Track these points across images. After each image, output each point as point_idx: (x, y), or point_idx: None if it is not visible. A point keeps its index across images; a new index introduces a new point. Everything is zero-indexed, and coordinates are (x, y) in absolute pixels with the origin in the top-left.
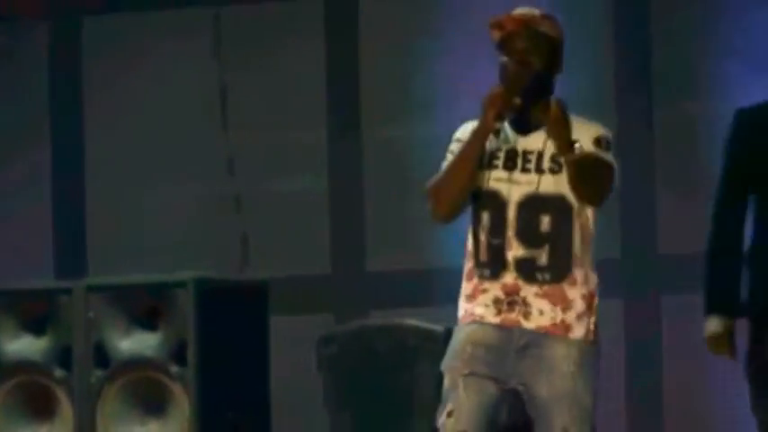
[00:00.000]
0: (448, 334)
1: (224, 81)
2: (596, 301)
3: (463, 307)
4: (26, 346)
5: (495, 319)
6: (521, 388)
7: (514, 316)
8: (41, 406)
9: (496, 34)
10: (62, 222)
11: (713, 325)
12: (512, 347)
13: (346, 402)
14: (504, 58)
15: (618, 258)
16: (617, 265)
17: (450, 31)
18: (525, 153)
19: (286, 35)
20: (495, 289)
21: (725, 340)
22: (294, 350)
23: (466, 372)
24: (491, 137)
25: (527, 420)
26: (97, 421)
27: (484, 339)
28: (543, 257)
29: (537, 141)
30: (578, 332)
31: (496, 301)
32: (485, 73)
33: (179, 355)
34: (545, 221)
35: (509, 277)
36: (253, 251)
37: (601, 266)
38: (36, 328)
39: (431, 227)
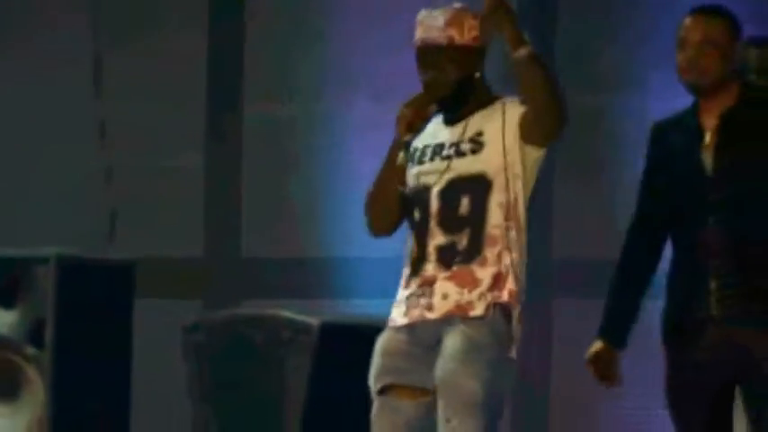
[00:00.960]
0: (323, 327)
1: (98, 51)
2: (510, 280)
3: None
4: None
5: (404, 320)
6: (429, 385)
7: (419, 311)
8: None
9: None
10: None
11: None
12: (420, 346)
13: (211, 393)
14: (420, 74)
15: None
16: None
17: (338, 13)
18: (449, 144)
19: (169, 10)
20: (414, 284)
21: (602, 363)
22: (160, 336)
23: (379, 387)
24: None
25: None
26: None
27: (396, 347)
28: (464, 241)
29: (461, 130)
30: (479, 309)
31: (409, 297)
32: (370, 56)
33: (36, 336)
34: (464, 203)
35: (429, 269)
36: (121, 228)
37: None
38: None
39: (310, 213)
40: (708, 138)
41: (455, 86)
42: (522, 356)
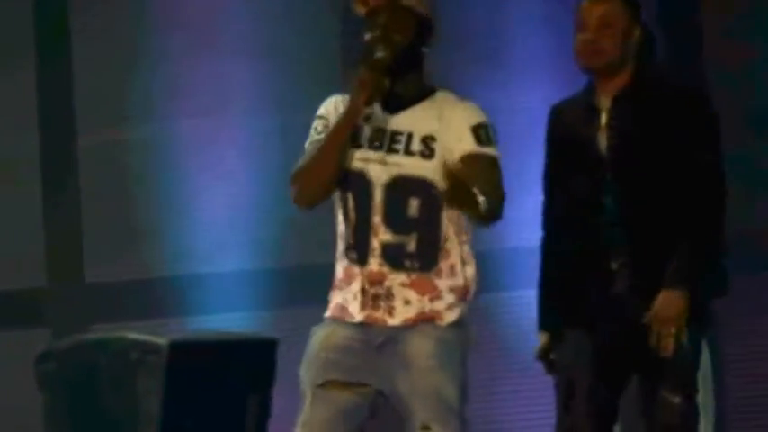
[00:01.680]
0: (172, 347)
1: None
2: (470, 294)
3: (333, 295)
4: None
5: (360, 315)
6: (382, 387)
7: (380, 314)
8: None
9: (361, 9)
10: None
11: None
12: (371, 346)
13: (67, 421)
14: (368, 35)
15: None
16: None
17: (165, 30)
18: (394, 133)
19: None
20: (361, 277)
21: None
22: (13, 368)
23: (319, 381)
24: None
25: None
26: None
27: (341, 342)
28: (412, 244)
29: (407, 122)
30: (446, 319)
31: (363, 293)
32: (201, 72)
33: None
34: (413, 205)
35: (374, 264)
36: None
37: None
38: None
39: (152, 234)
40: (603, 118)
41: (404, 53)
42: None
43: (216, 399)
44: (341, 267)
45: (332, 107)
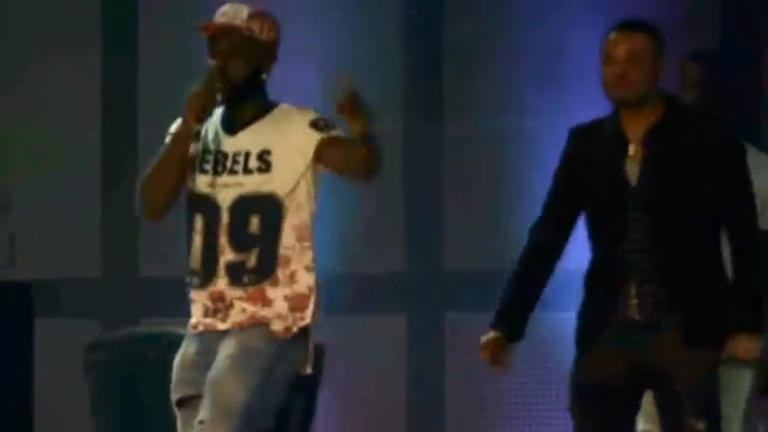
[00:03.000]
0: None
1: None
2: (310, 303)
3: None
4: None
5: (201, 327)
6: None
7: (211, 321)
8: None
9: (204, 34)
10: None
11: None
12: (208, 356)
13: (113, 410)
14: (209, 61)
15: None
16: (403, 278)
17: None
18: (234, 155)
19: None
20: (203, 298)
21: (488, 347)
22: (61, 355)
23: (176, 398)
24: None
25: None
26: None
27: (185, 359)
28: (252, 260)
29: (245, 141)
30: (276, 325)
31: (205, 312)
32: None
33: None
34: (254, 222)
35: (220, 284)
36: (21, 251)
37: (385, 279)
38: None
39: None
40: (632, 149)
41: (243, 80)
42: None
43: None
44: (191, 290)
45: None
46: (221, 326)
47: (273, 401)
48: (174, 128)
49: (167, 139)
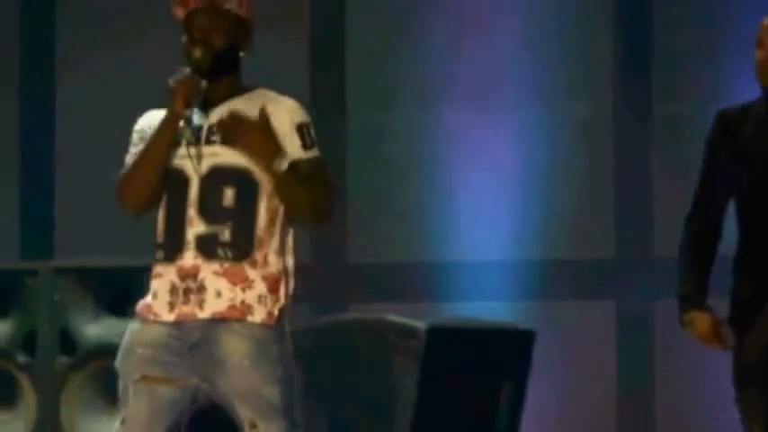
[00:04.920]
0: (430, 331)
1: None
2: (284, 285)
3: (148, 293)
4: None
5: (170, 317)
6: (204, 385)
7: (189, 308)
8: (3, 392)
9: (180, 11)
10: (29, 201)
11: (692, 318)
12: (186, 344)
13: (322, 397)
14: (185, 37)
15: (612, 259)
16: (611, 266)
17: (439, 16)
18: (211, 126)
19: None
20: (170, 273)
21: (711, 332)
22: None
23: (137, 376)
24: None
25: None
26: (61, 410)
27: (155, 339)
28: (226, 233)
29: (221, 113)
30: (258, 315)
31: (172, 290)
32: (472, 61)
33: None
34: (228, 195)
35: (188, 257)
36: None
37: (593, 266)
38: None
39: (415, 219)
40: None
41: (223, 55)
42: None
43: (470, 385)
44: (154, 265)
45: (147, 121)
46: (200, 314)
47: (294, 383)
48: (143, 123)
49: (135, 137)
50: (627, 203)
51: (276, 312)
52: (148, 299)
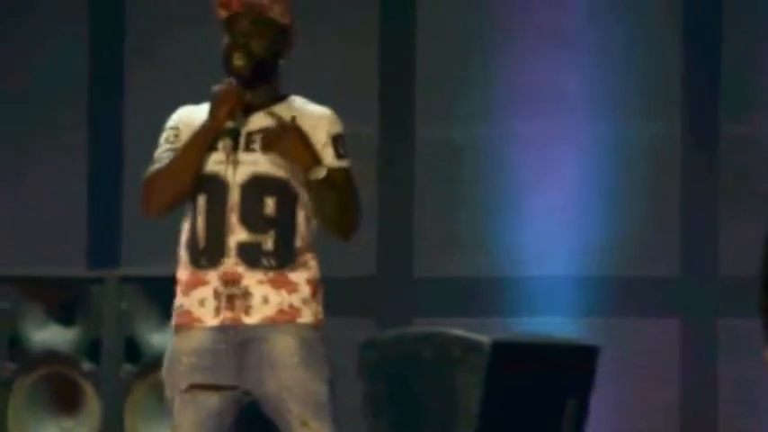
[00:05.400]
0: (495, 345)
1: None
2: (320, 291)
3: (180, 302)
4: (54, 336)
5: (214, 321)
6: (249, 387)
7: (234, 314)
8: (68, 399)
9: (222, 13)
10: (97, 209)
11: None
12: (232, 346)
13: (385, 410)
14: (226, 39)
15: (677, 277)
16: (677, 283)
17: (508, 27)
18: (249, 133)
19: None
20: (213, 280)
21: None
22: (335, 354)
23: (183, 386)
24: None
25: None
26: (125, 417)
27: (198, 346)
28: (269, 242)
29: (261, 121)
30: (306, 317)
31: (216, 296)
32: (540, 73)
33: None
34: (270, 204)
35: (229, 264)
36: None
37: (658, 283)
38: (65, 317)
39: (481, 234)
40: None
41: (262, 63)
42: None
43: (534, 400)
44: (186, 273)
45: (183, 117)
46: (247, 319)
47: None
48: (176, 119)
49: (167, 134)
50: (693, 222)
51: (320, 316)
52: (186, 306)
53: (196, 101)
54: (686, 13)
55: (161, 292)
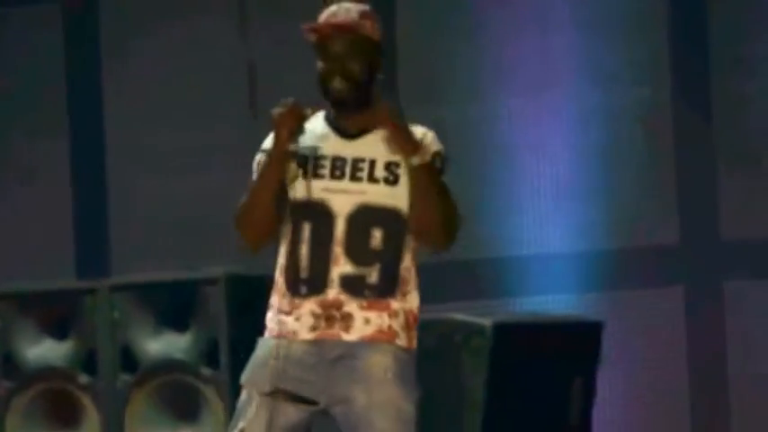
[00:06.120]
0: (497, 328)
1: (252, 63)
2: (416, 320)
3: (273, 319)
4: (48, 350)
5: (310, 335)
6: (332, 403)
7: (334, 331)
8: (66, 414)
9: (312, 37)
10: (83, 218)
11: None
12: (324, 360)
13: None
14: (321, 64)
15: (677, 245)
16: (677, 251)
17: (492, 3)
18: (355, 161)
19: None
20: (311, 305)
21: None
22: None
23: (267, 389)
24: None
25: None
26: (125, 428)
27: (290, 354)
28: (374, 276)
29: (368, 148)
30: (403, 341)
31: (314, 316)
32: (527, 48)
33: (210, 357)
34: (377, 236)
35: (331, 294)
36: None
37: (659, 252)
38: (58, 331)
39: (474, 215)
40: None
41: (362, 84)
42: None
43: (539, 380)
44: (285, 301)
45: (270, 143)
46: (346, 336)
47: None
48: (266, 143)
49: (259, 157)
50: (690, 187)
51: (414, 342)
52: (279, 319)
53: (174, 101)
54: None
55: (153, 299)
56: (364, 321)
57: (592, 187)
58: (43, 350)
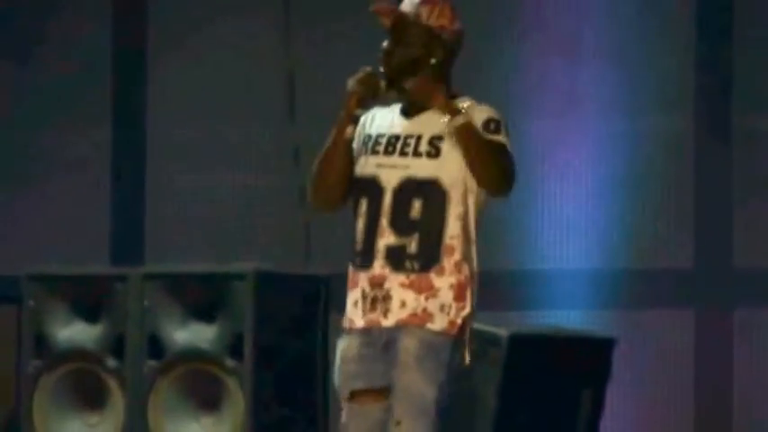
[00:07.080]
0: (512, 339)
1: (292, 66)
2: (470, 292)
3: (347, 302)
4: (78, 333)
5: (361, 322)
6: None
7: (375, 316)
8: (92, 395)
9: (385, 21)
10: (120, 207)
11: None
12: (377, 348)
13: None
14: (385, 43)
15: (692, 269)
16: (690, 276)
17: (523, 29)
18: (406, 137)
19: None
20: (363, 281)
21: None
22: None
23: (346, 395)
24: (371, 122)
25: None
26: (149, 413)
27: (352, 353)
28: (413, 245)
29: (420, 125)
30: (438, 323)
31: (363, 297)
32: (554, 74)
33: (235, 349)
34: (416, 207)
35: (377, 266)
36: (316, 245)
37: (673, 275)
38: (89, 315)
39: (497, 229)
40: None
41: (405, 65)
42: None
43: (550, 392)
44: (351, 273)
45: (365, 117)
46: (385, 322)
47: (448, 394)
48: (362, 119)
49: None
50: (707, 214)
51: (459, 321)
52: (348, 308)
53: (216, 98)
54: (699, 6)
55: (183, 290)
56: (400, 304)
57: (612, 209)
58: (73, 332)
